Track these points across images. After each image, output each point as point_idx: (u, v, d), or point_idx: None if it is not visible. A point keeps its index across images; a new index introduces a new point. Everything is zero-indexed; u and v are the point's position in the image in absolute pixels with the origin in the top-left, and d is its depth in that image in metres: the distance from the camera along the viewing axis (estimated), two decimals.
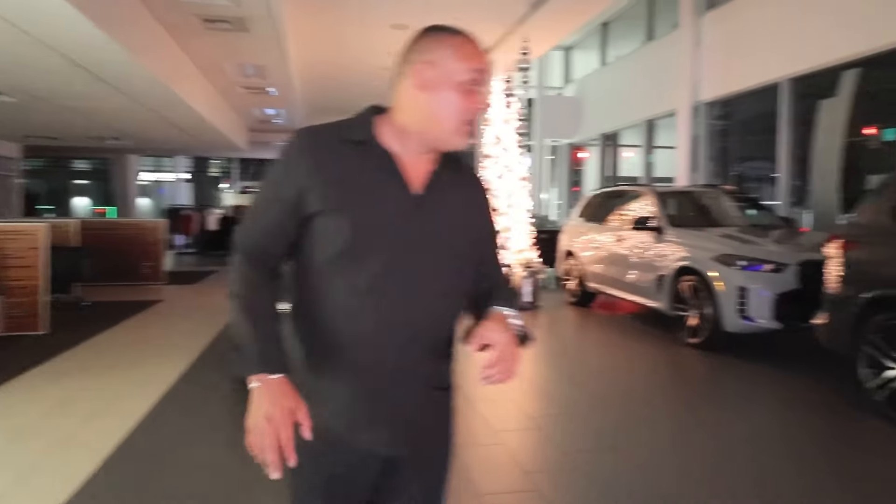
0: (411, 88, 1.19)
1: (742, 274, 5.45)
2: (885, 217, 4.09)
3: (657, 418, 4.01)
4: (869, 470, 3.22)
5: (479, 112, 1.21)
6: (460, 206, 1.28)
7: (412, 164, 1.23)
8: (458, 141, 1.21)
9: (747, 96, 9.35)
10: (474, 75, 1.18)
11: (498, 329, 1.21)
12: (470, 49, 1.19)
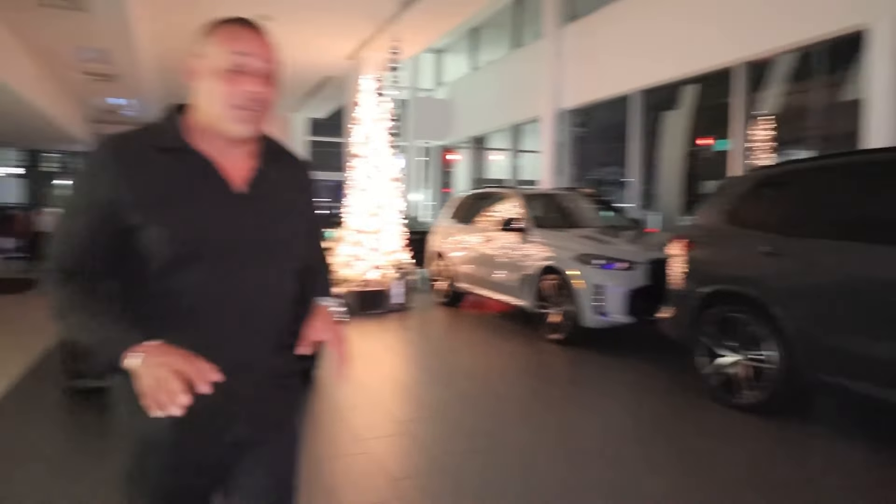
0: (189, 82, 1.19)
1: (599, 272, 5.77)
2: (720, 219, 4.49)
3: (524, 415, 4.11)
4: (706, 447, 3.51)
5: (248, 96, 1.17)
6: (289, 198, 1.29)
7: (230, 161, 1.22)
8: (234, 127, 1.19)
9: (604, 105, 9.98)
10: (235, 58, 1.16)
11: (323, 326, 1.28)
12: (233, 33, 1.18)
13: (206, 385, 1.06)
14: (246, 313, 1.22)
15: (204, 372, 1.06)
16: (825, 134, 6.84)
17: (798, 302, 3.75)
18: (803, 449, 3.54)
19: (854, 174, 3.80)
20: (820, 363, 3.63)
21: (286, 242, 1.27)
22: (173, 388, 1.02)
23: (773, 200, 4.18)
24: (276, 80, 1.23)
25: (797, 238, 3.85)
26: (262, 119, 1.22)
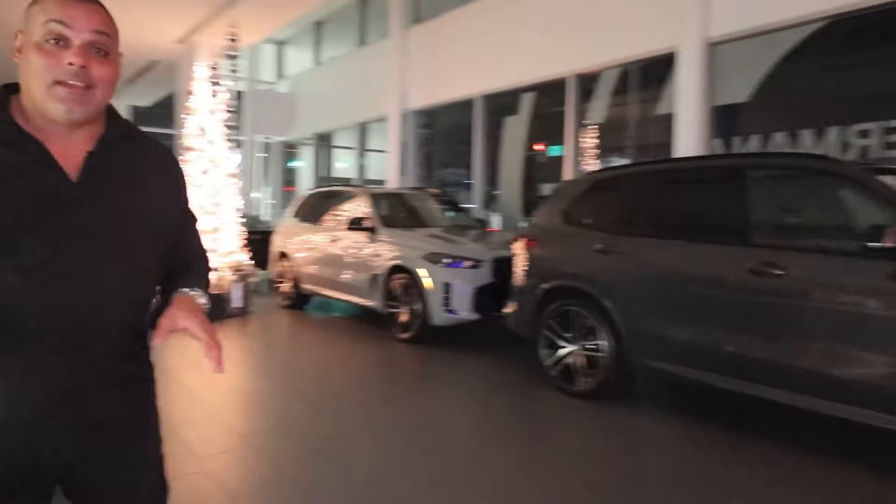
0: (16, 59, 1.07)
1: (446, 271, 5.86)
2: (557, 219, 4.76)
3: (375, 417, 4.02)
4: (546, 436, 3.69)
5: (69, 70, 1.05)
6: (135, 186, 1.17)
7: (64, 146, 1.09)
8: (55, 107, 1.06)
9: (449, 108, 10.22)
10: (53, 26, 1.04)
11: (184, 315, 1.15)
12: (50, 4, 1.05)
13: None
14: (76, 316, 1.10)
15: None
16: (644, 143, 7.60)
17: (625, 295, 4.08)
18: (630, 428, 3.86)
19: (670, 179, 4.24)
20: (645, 350, 3.98)
21: (129, 233, 1.14)
22: None
23: (604, 202, 4.52)
24: (110, 54, 1.11)
25: (625, 236, 4.19)
26: (91, 99, 1.09)
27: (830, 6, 5.45)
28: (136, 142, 1.21)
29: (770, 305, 3.40)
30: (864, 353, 3.03)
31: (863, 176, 3.26)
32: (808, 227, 3.77)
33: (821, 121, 5.68)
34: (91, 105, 1.09)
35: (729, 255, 3.59)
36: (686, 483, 3.04)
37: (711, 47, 6.31)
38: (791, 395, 3.28)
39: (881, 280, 3.01)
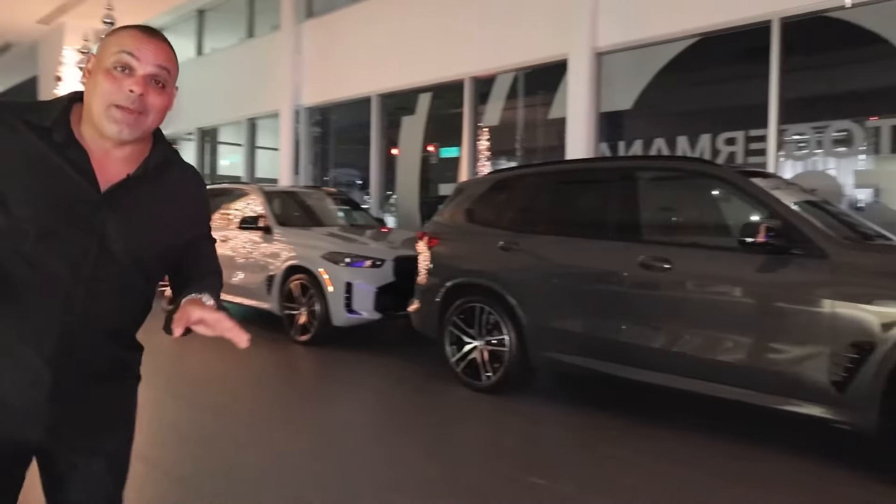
0: (85, 80, 1.20)
1: (348, 270, 5.76)
2: (460, 218, 4.83)
3: (274, 423, 3.87)
4: (452, 430, 3.74)
5: (129, 97, 1.16)
6: (159, 213, 1.27)
7: (105, 160, 1.21)
8: (110, 126, 1.17)
9: (344, 106, 10.06)
10: (121, 56, 1.16)
11: (193, 308, 1.17)
12: (123, 34, 1.20)
13: None
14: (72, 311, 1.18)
15: None
16: (538, 146, 7.91)
17: (527, 290, 4.22)
18: (533, 418, 4.00)
19: (567, 179, 4.45)
20: (546, 343, 4.14)
21: (138, 251, 1.24)
22: None
23: (505, 200, 4.65)
24: (167, 86, 1.22)
25: (526, 234, 4.34)
26: (142, 124, 1.20)
27: (701, 24, 5.96)
28: (173, 169, 1.31)
29: (659, 297, 3.66)
30: (741, 338, 3.34)
31: (738, 178, 3.61)
32: (692, 224, 4.11)
33: (694, 129, 6.20)
34: (141, 129, 1.20)
35: (622, 250, 3.82)
36: (584, 466, 3.19)
37: (598, 57, 6.69)
38: (679, 380, 3.55)
39: (753, 272, 3.34)
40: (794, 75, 5.53)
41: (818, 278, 3.12)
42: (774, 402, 3.24)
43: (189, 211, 1.36)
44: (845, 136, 5.38)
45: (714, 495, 2.87)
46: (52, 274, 1.16)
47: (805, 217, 3.33)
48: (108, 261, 1.20)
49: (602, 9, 6.57)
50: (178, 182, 1.33)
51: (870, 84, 5.47)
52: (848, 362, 3.01)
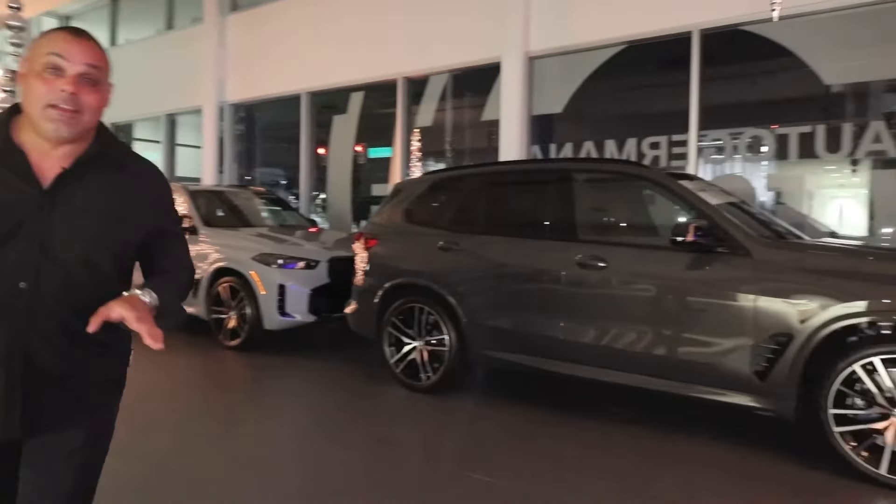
0: (20, 85, 1.25)
1: (280, 272, 5.59)
2: (398, 218, 4.80)
3: (203, 433, 3.70)
4: (392, 431, 3.71)
5: (62, 96, 1.21)
6: (106, 203, 1.29)
7: (47, 160, 1.25)
8: (47, 126, 1.22)
9: (271, 103, 9.77)
10: (51, 58, 1.21)
11: (119, 306, 1.19)
12: (50, 37, 1.24)
13: None
14: (10, 309, 1.22)
15: None
16: (472, 147, 7.98)
17: (467, 290, 4.25)
18: (473, 415, 4.03)
19: (506, 180, 4.52)
20: (486, 342, 4.18)
21: (83, 248, 1.26)
22: None
23: (445, 201, 4.66)
24: (99, 86, 1.27)
25: (465, 234, 4.37)
26: (78, 122, 1.24)
27: (627, 33, 6.21)
28: (116, 161, 1.33)
29: (595, 295, 3.78)
30: (672, 333, 3.50)
31: (668, 180, 3.78)
32: (626, 224, 4.27)
33: (621, 133, 6.45)
34: (78, 126, 1.24)
35: (560, 250, 3.92)
36: (526, 460, 3.24)
37: (531, 61, 6.84)
38: (615, 374, 3.68)
39: (682, 270, 3.51)
40: (712, 84, 5.86)
41: (742, 275, 3.31)
42: (704, 393, 3.41)
43: (144, 206, 1.36)
44: (757, 143, 5.75)
45: (653, 481, 2.98)
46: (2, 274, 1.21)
47: (729, 217, 3.53)
48: (53, 259, 1.23)
49: (534, 14, 6.71)
50: (131, 178, 1.35)
51: (779, 94, 5.88)
52: (769, 353, 3.21)
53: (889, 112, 5.18)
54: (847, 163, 5.42)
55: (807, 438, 3.31)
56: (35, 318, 1.24)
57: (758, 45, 5.60)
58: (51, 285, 1.23)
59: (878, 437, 2.96)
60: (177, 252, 1.46)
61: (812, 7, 5.19)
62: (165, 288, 1.33)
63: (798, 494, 2.90)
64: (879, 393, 2.95)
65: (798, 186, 5.87)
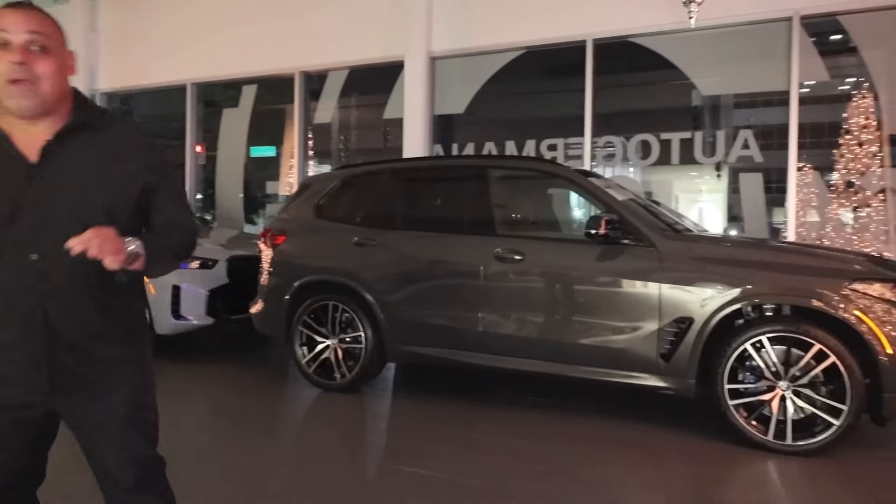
0: None
1: (174, 273, 5.22)
2: (308, 214, 4.66)
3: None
4: (315, 433, 3.60)
5: (14, 69, 1.24)
6: (91, 172, 1.34)
7: (28, 136, 1.30)
8: (10, 102, 1.27)
9: (153, 93, 9.10)
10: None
11: (92, 234, 1.21)
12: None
13: None
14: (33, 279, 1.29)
15: None
16: (372, 146, 7.92)
17: (385, 286, 4.21)
18: (392, 411, 4.01)
19: (422, 176, 4.55)
20: (404, 337, 4.17)
21: (79, 214, 1.30)
22: None
23: (359, 196, 4.59)
24: (50, 50, 1.28)
25: (382, 230, 4.33)
26: (37, 91, 1.27)
27: (526, 39, 6.48)
28: (97, 129, 1.37)
29: (513, 287, 3.90)
30: (587, 321, 3.69)
31: (580, 178, 3.99)
32: (541, 219, 4.44)
33: (521, 134, 6.71)
34: (38, 97, 1.27)
35: (478, 243, 4.00)
36: (452, 451, 3.28)
37: (433, 61, 6.92)
38: (534, 363, 3.81)
39: (595, 261, 3.72)
40: (604, 91, 6.26)
41: (648, 265, 3.57)
42: (616, 377, 3.63)
43: (130, 166, 1.39)
44: (644, 148, 6.22)
45: (568, 460, 3.13)
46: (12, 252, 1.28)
47: (635, 212, 3.79)
48: (52, 226, 1.28)
49: (436, 15, 6.81)
50: (114, 140, 1.39)
51: (664, 103, 6.41)
52: (672, 336, 3.49)
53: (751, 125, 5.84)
54: (715, 167, 6.03)
55: (705, 414, 3.63)
56: (50, 286, 1.30)
57: (646, 57, 6.07)
58: (57, 254, 1.25)
59: (766, 408, 3.32)
60: (168, 208, 1.46)
61: (689, 24, 5.72)
62: (153, 239, 1.36)
63: (702, 462, 3.17)
64: (766, 368, 3.31)
65: (673, 188, 6.45)
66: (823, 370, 3.20)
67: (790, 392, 3.27)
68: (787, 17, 5.53)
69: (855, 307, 3.17)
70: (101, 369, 1.39)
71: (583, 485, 2.88)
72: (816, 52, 5.59)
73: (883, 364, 3.11)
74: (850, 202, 5.78)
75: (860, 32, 5.47)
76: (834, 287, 3.23)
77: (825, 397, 3.21)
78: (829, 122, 5.67)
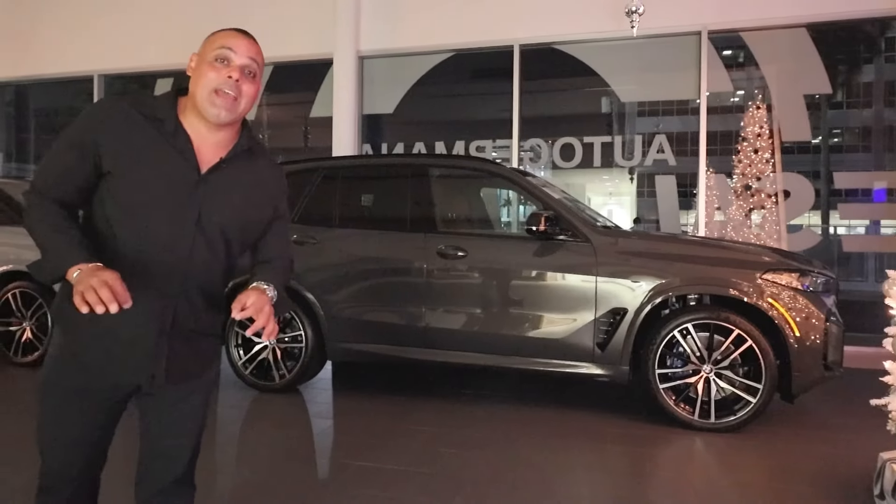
0: (189, 74, 1.44)
1: None
2: None
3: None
4: (259, 435, 3.52)
5: (228, 82, 1.39)
6: (242, 192, 1.49)
7: (204, 144, 1.44)
8: (210, 109, 1.39)
9: (53, 84, 8.46)
10: (221, 51, 1.40)
11: (250, 293, 1.41)
12: (222, 33, 1.44)
13: (120, 305, 1.23)
14: (169, 273, 1.42)
15: (121, 294, 1.23)
16: (297, 144, 7.76)
17: (325, 283, 4.18)
18: (336, 409, 3.99)
19: (363, 174, 4.55)
20: (345, 335, 4.15)
21: (224, 226, 1.47)
22: (98, 293, 1.20)
23: (298, 194, 4.49)
24: (256, 77, 1.46)
25: (322, 228, 4.29)
26: (237, 107, 1.41)
27: (454, 41, 6.60)
28: (256, 154, 1.54)
29: (455, 282, 3.99)
30: (527, 313, 3.84)
31: (519, 177, 4.14)
32: (485, 216, 4.55)
33: (450, 136, 6.83)
34: (235, 112, 1.42)
35: (420, 240, 4.05)
36: (403, 444, 3.32)
37: (361, 60, 6.90)
38: (476, 357, 3.91)
39: (534, 256, 3.87)
40: (530, 96, 6.50)
41: (585, 260, 3.76)
42: (555, 367, 3.80)
43: (267, 192, 1.57)
44: (567, 151, 6.51)
45: (520, 449, 3.25)
46: (161, 244, 1.40)
47: (571, 209, 3.98)
48: (202, 232, 1.44)
49: (364, 14, 6.80)
50: (259, 168, 1.55)
51: (586, 108, 6.74)
52: (607, 326, 3.70)
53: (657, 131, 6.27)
54: (629, 171, 6.44)
55: (636, 399, 3.87)
56: (186, 282, 1.44)
57: (570, 64, 6.36)
58: (200, 255, 1.44)
59: (691, 390, 3.59)
60: (284, 237, 1.66)
61: (609, 34, 6.05)
62: (276, 279, 1.53)
63: (638, 444, 3.39)
64: (692, 353, 3.59)
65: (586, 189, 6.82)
66: (741, 353, 3.52)
67: (713, 374, 3.56)
68: (697, 32, 5.99)
69: (767, 295, 3.51)
70: (201, 362, 1.55)
71: (532, 469, 3.00)
72: (722, 64, 6.09)
73: (792, 347, 3.45)
74: (747, 203, 6.34)
75: (760, 48, 6.02)
76: (748, 277, 3.56)
77: (743, 378, 3.53)
78: (730, 130, 6.20)
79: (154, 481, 1.55)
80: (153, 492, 1.55)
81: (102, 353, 1.43)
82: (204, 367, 1.56)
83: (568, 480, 2.91)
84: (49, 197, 1.38)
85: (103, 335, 1.41)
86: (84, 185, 1.39)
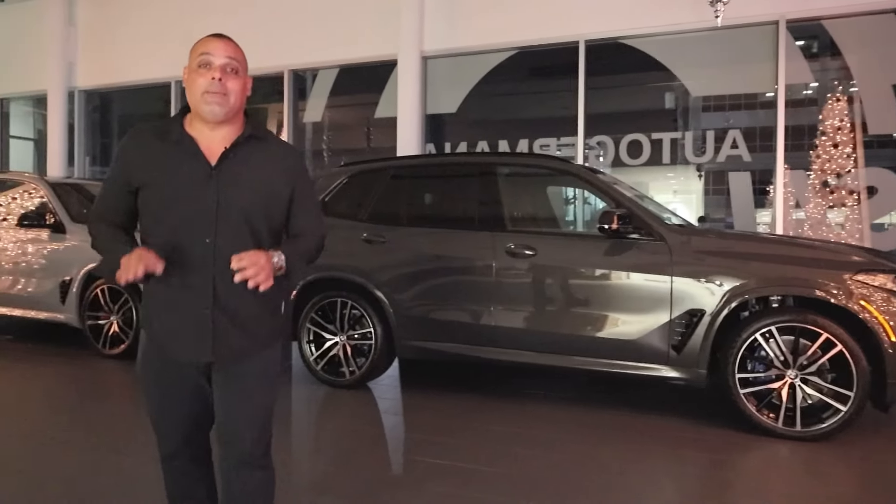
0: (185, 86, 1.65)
1: None
2: None
3: (107, 449, 3.31)
4: (332, 430, 3.59)
5: (213, 84, 1.58)
6: (254, 171, 1.66)
7: (210, 143, 1.64)
8: (205, 108, 1.60)
9: (135, 91, 8.91)
10: (200, 58, 1.60)
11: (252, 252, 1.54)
12: (201, 42, 1.63)
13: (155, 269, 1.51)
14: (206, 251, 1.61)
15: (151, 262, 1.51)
16: (361, 146, 7.90)
17: (395, 282, 4.23)
18: (405, 406, 4.02)
19: (432, 173, 4.58)
20: (413, 333, 4.19)
21: (247, 207, 1.63)
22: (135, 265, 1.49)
23: (365, 194, 4.58)
24: (239, 72, 1.63)
25: (392, 226, 4.34)
26: (227, 102, 1.60)
27: (518, 39, 6.56)
28: (261, 140, 1.70)
29: (525, 281, 3.95)
30: (599, 314, 3.77)
31: (591, 175, 4.07)
32: (554, 215, 4.51)
33: (513, 134, 6.79)
34: (227, 106, 1.60)
35: (489, 239, 4.04)
36: (474, 442, 3.32)
37: (424, 60, 6.94)
38: (547, 357, 3.87)
39: (607, 255, 3.80)
40: (596, 92, 6.38)
41: (660, 259, 3.66)
42: (628, 368, 3.71)
43: (279, 166, 1.71)
44: (635, 148, 6.36)
45: (591, 452, 3.19)
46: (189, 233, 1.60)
47: (645, 207, 3.88)
48: (225, 219, 1.61)
49: (428, 14, 6.84)
50: (269, 147, 1.71)
51: (655, 104, 6.56)
52: (683, 328, 3.59)
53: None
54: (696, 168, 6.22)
55: (715, 404, 3.73)
56: (218, 266, 1.59)
57: (637, 58, 6.20)
58: (225, 241, 1.60)
59: (774, 396, 3.44)
60: (306, 215, 1.76)
61: (682, 27, 5.87)
62: (295, 251, 1.69)
63: (715, 450, 3.27)
64: (775, 357, 3.43)
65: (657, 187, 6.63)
66: (830, 358, 3.34)
67: (798, 380, 3.39)
68: (775, 21, 5.73)
69: (858, 297, 3.32)
70: (251, 343, 1.68)
71: (603, 473, 2.94)
72: (801, 55, 5.80)
73: (886, 352, 3.25)
74: (826, 201, 6.01)
75: (843, 36, 5.70)
76: (836, 278, 3.37)
77: (832, 384, 3.35)
78: (804, 124, 5.89)
79: (223, 458, 1.72)
80: (225, 468, 1.72)
81: (164, 334, 1.65)
82: (255, 348, 1.68)
83: (644, 486, 2.84)
84: (104, 222, 1.68)
85: (164, 319, 1.65)
86: (129, 208, 1.68)
